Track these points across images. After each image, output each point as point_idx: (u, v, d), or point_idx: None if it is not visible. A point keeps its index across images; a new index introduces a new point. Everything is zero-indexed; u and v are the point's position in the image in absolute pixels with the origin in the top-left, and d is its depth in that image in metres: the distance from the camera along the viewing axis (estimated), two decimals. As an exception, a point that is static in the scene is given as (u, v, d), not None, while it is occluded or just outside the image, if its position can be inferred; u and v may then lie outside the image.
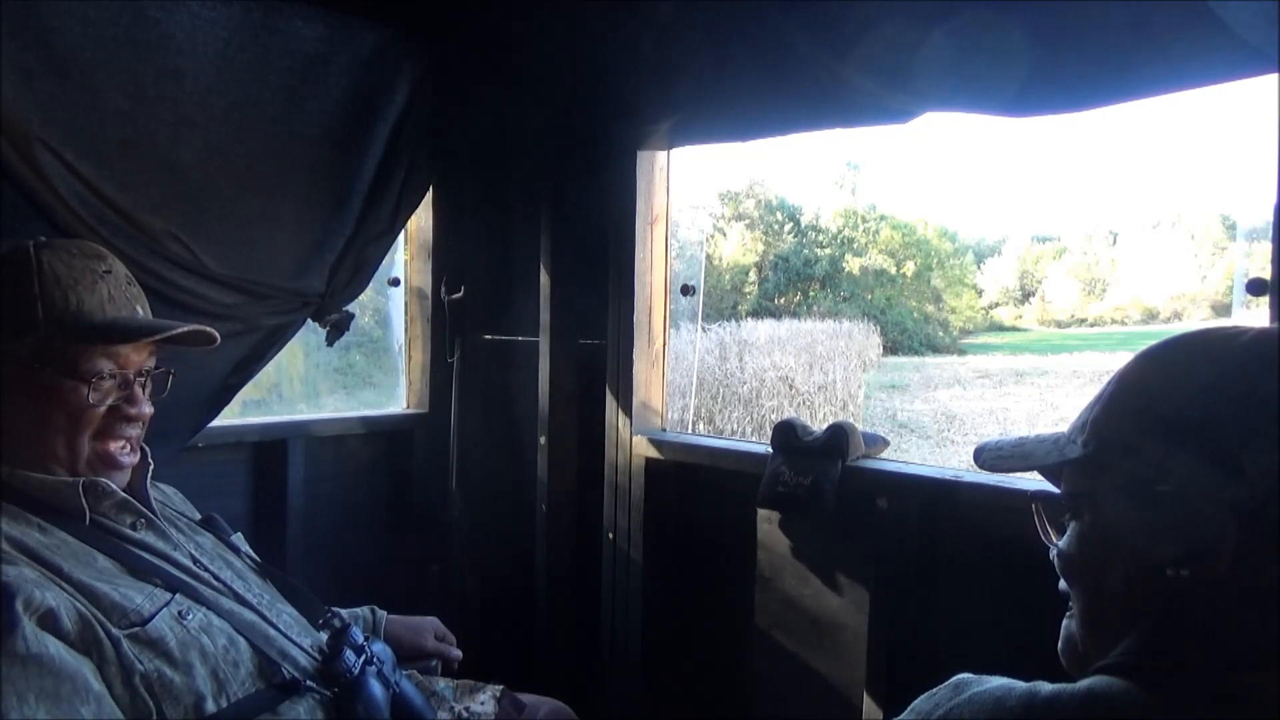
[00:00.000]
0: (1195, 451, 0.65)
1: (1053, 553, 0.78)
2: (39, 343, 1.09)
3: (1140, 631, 0.69)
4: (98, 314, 1.13)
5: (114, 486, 1.14)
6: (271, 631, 1.18)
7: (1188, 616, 0.67)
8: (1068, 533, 0.76)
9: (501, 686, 1.51)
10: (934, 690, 0.73)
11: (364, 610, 1.55)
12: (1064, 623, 0.80)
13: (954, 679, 0.73)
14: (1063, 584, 0.78)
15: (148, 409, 1.19)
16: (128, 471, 1.19)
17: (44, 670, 0.90)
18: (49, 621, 0.94)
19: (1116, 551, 0.71)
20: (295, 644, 1.20)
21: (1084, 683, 0.66)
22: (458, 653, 1.62)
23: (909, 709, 0.74)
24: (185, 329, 1.20)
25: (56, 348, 1.10)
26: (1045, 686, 0.66)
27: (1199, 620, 0.66)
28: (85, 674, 0.94)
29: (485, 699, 1.47)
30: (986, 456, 0.84)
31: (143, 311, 1.22)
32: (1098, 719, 0.63)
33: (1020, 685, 0.68)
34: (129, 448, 1.18)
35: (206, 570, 1.21)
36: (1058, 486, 0.80)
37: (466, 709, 1.44)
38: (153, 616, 1.04)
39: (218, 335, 1.26)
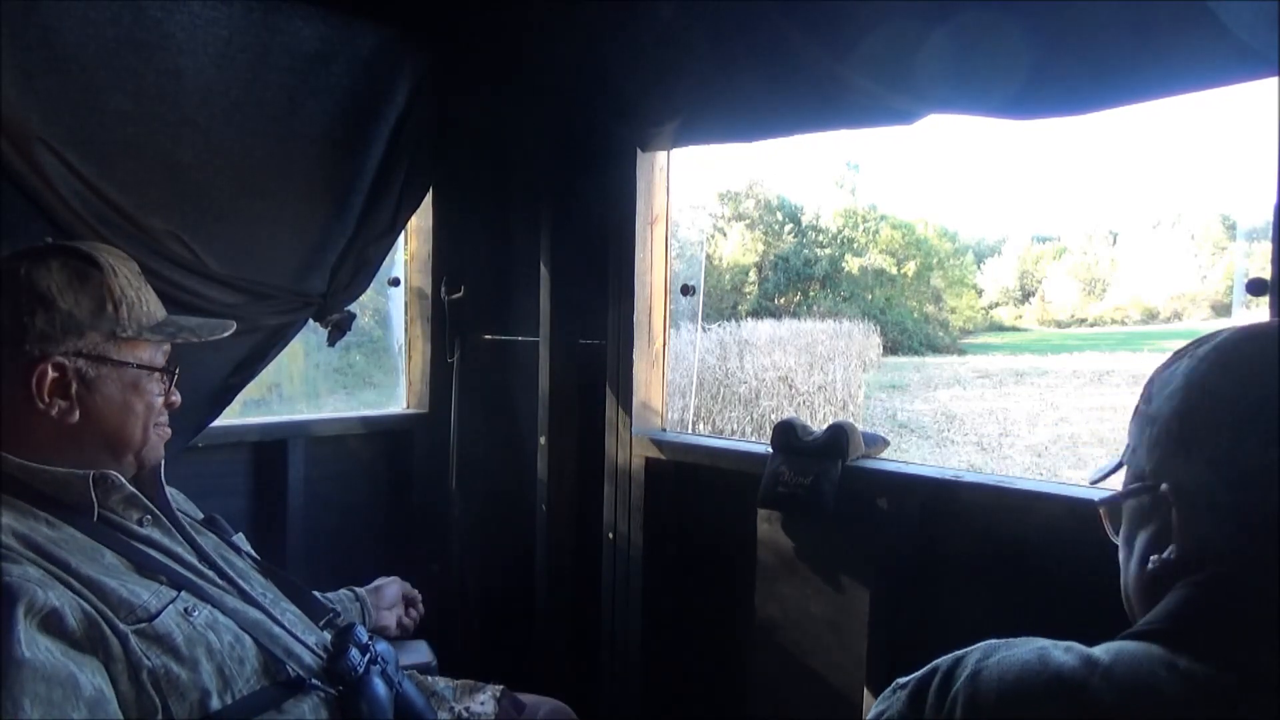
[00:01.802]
0: (1255, 437, 0.68)
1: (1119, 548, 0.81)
2: (127, 341, 1.18)
3: (1178, 598, 0.70)
4: (158, 312, 1.24)
5: (123, 480, 1.16)
6: (276, 629, 1.19)
7: (1231, 593, 0.68)
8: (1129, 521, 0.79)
9: (501, 686, 1.51)
10: (961, 652, 0.74)
11: (344, 593, 1.58)
12: None
13: (983, 644, 0.74)
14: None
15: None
16: (161, 446, 1.26)
17: (37, 675, 0.90)
18: (53, 621, 0.94)
19: (1176, 528, 0.73)
20: (300, 642, 1.20)
21: (1119, 660, 0.67)
22: (420, 608, 1.70)
23: (929, 666, 0.75)
24: (234, 325, 1.36)
25: (140, 344, 1.19)
26: (1071, 663, 0.67)
27: (1244, 596, 0.68)
28: (79, 678, 0.93)
29: (485, 699, 1.47)
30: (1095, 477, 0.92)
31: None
32: (1128, 688, 0.65)
33: (1053, 657, 0.68)
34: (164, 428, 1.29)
35: (212, 568, 1.21)
36: None
37: (466, 709, 1.44)
38: (159, 613, 1.04)
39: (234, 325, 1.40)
